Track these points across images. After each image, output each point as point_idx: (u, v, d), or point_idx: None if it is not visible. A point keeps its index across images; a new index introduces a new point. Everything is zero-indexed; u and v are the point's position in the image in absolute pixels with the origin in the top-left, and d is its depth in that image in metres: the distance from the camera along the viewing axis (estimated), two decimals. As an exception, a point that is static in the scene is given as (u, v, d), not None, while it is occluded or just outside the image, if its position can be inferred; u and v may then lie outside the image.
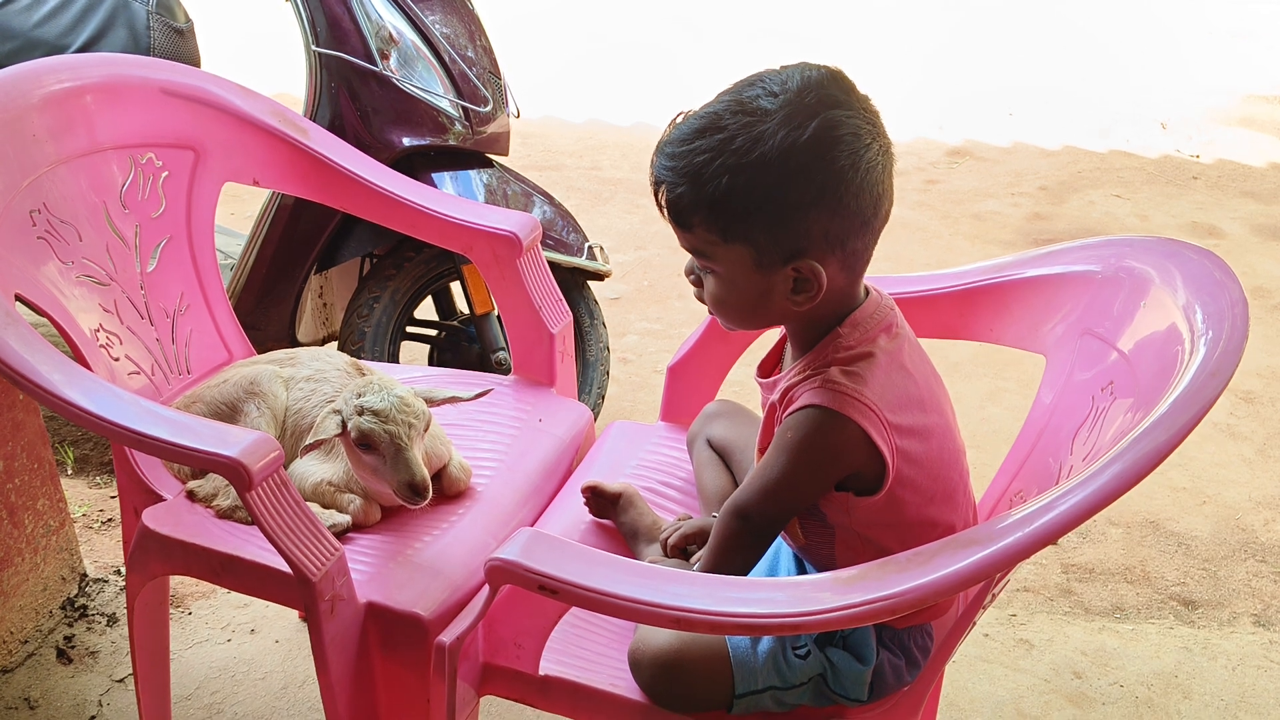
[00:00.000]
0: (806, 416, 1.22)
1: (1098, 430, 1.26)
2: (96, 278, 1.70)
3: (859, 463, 1.23)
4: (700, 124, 1.18)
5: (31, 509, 2.07)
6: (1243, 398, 3.18)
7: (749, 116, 1.15)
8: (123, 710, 1.96)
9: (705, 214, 1.18)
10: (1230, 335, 1.14)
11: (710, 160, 1.15)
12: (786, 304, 1.22)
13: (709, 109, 1.19)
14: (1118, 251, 1.41)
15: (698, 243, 1.22)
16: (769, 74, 1.19)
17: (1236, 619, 2.32)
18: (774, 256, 1.18)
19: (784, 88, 1.16)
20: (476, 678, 1.36)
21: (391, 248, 2.53)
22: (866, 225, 1.19)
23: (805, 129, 1.13)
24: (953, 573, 1.03)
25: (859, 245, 1.21)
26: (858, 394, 1.20)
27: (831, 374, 1.22)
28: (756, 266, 1.19)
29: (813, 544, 1.34)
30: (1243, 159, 5.32)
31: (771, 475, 1.25)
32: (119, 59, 1.87)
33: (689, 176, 1.17)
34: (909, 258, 4.14)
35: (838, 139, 1.14)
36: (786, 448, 1.24)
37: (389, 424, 1.46)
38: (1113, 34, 7.79)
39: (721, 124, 1.16)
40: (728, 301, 1.26)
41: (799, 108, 1.14)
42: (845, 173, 1.15)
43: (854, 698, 1.30)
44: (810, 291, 1.20)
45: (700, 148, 1.16)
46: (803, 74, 1.17)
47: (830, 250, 1.18)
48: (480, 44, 2.62)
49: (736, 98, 1.18)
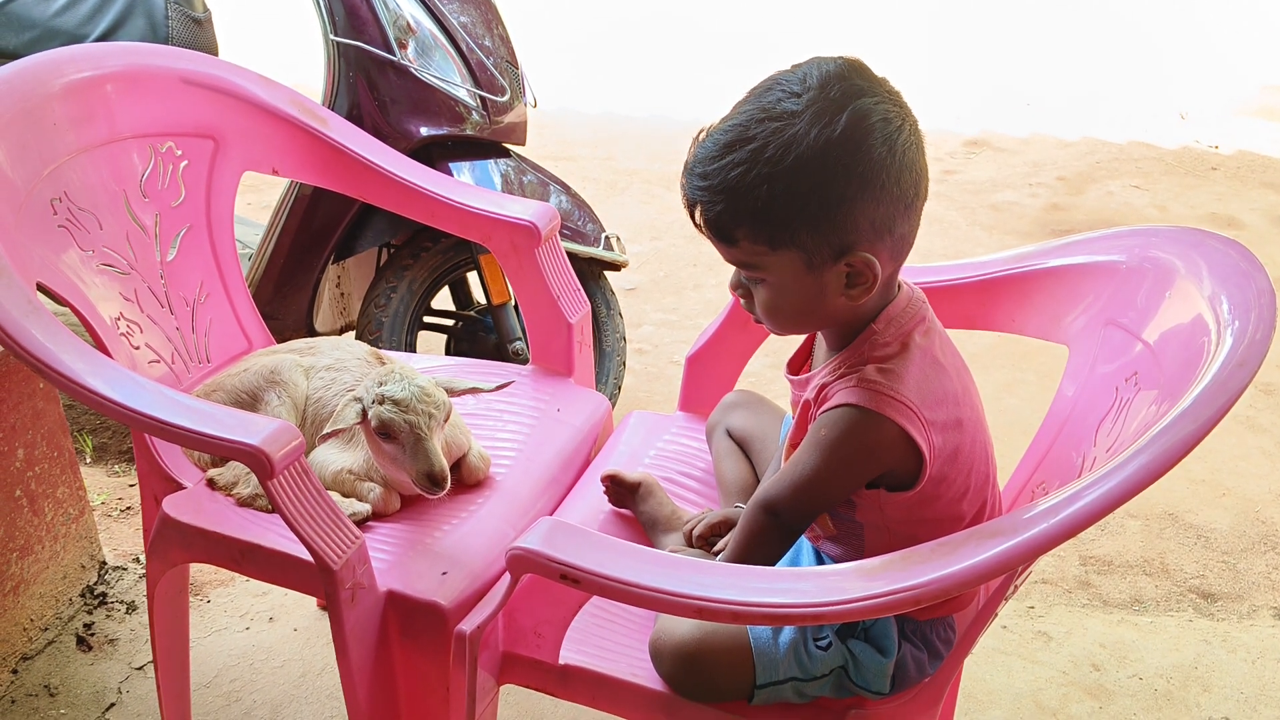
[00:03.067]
0: (843, 415, 1.21)
1: (1121, 422, 1.25)
2: (117, 266, 1.71)
3: (895, 461, 1.22)
4: (728, 138, 1.15)
5: (51, 497, 2.08)
6: (1263, 390, 3.16)
7: (776, 122, 1.13)
8: (142, 698, 1.97)
9: (749, 227, 1.16)
10: (1258, 325, 1.12)
11: (746, 172, 1.13)
12: (841, 300, 1.20)
13: (732, 121, 1.16)
14: (1142, 241, 1.39)
15: (744, 255, 1.20)
16: (785, 75, 1.18)
17: (1256, 611, 2.30)
18: (825, 255, 1.16)
19: (805, 86, 1.14)
20: (496, 666, 1.36)
21: (409, 238, 2.53)
22: (910, 207, 1.18)
23: (836, 123, 1.12)
24: (977, 564, 1.03)
25: (905, 229, 1.20)
26: (894, 392, 1.19)
27: (868, 372, 1.21)
28: (808, 269, 1.18)
29: (842, 534, 1.34)
30: (1262, 150, 5.28)
31: (804, 472, 1.24)
32: (139, 48, 1.87)
33: (726, 193, 1.15)
34: (925, 248, 4.13)
35: (870, 127, 1.13)
36: (821, 445, 1.22)
37: (409, 414, 1.46)
38: (1131, 24, 7.74)
39: (750, 134, 1.14)
40: (782, 308, 1.24)
41: (825, 103, 1.13)
42: (884, 159, 1.13)
43: (875, 690, 1.30)
44: (866, 283, 1.19)
45: (733, 161, 1.14)
46: (820, 69, 1.16)
47: (879, 238, 1.17)
48: (498, 33, 2.61)
49: (758, 105, 1.16)
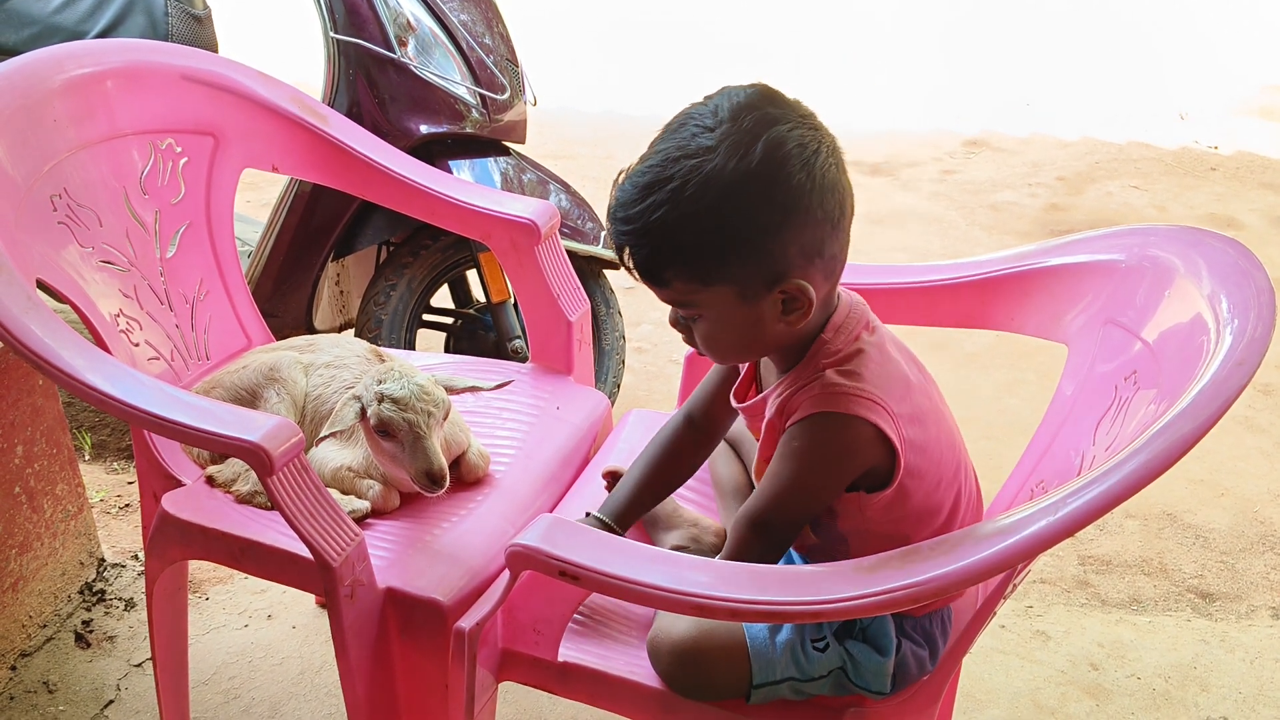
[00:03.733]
0: (813, 423, 1.20)
1: (1120, 421, 1.25)
2: (117, 263, 1.71)
3: (871, 459, 1.22)
4: (646, 179, 1.14)
5: (50, 494, 2.08)
6: (1261, 390, 3.16)
7: (693, 159, 1.12)
8: (141, 694, 1.97)
9: (679, 266, 1.16)
10: (1257, 324, 1.12)
11: (669, 213, 1.12)
12: (780, 326, 1.20)
13: (649, 162, 1.15)
14: (1141, 240, 1.40)
15: (678, 295, 1.19)
16: (697, 109, 1.17)
17: (1255, 611, 2.31)
18: (757, 286, 1.16)
19: (717, 119, 1.13)
20: (495, 663, 1.36)
21: (408, 235, 2.53)
22: (836, 227, 1.17)
23: (753, 154, 1.11)
24: (975, 562, 1.03)
25: (835, 249, 1.18)
26: (860, 391, 1.19)
27: (829, 377, 1.21)
28: (743, 300, 1.17)
29: (825, 543, 1.33)
30: (1262, 150, 5.29)
31: (784, 484, 1.24)
32: (139, 45, 1.87)
33: (651, 235, 1.14)
34: (925, 248, 4.13)
35: (787, 154, 1.12)
36: (796, 455, 1.22)
37: (408, 412, 1.46)
38: (1130, 24, 7.75)
39: (668, 174, 1.12)
40: (722, 341, 1.23)
41: (740, 135, 1.11)
42: (804, 184, 1.12)
43: (876, 690, 1.30)
44: (802, 308, 1.18)
45: (654, 203, 1.13)
46: (731, 100, 1.15)
47: (810, 263, 1.16)
48: (498, 31, 2.61)
49: (673, 142, 1.14)
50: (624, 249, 1.18)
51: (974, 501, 1.35)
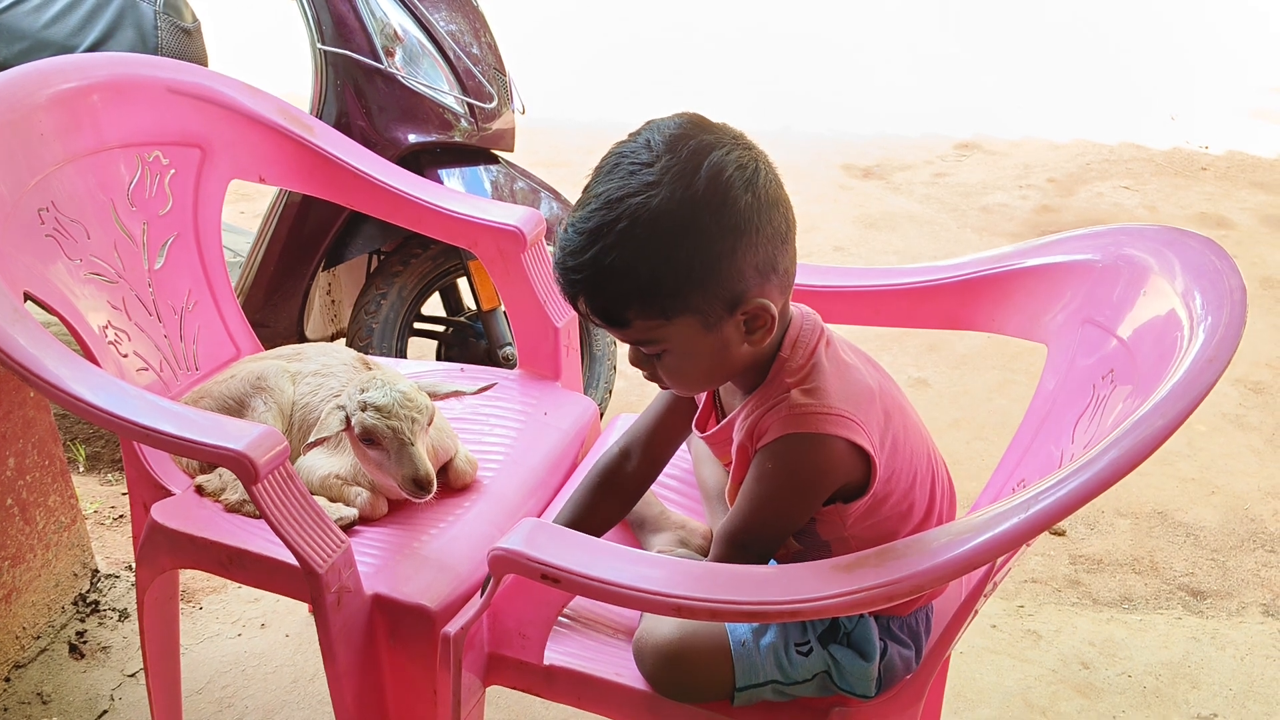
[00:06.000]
0: (786, 445, 1.20)
1: (1099, 418, 1.26)
2: (105, 275, 1.72)
3: (847, 473, 1.22)
4: (592, 224, 1.12)
5: (43, 505, 2.09)
6: (1252, 388, 3.17)
7: (637, 196, 1.10)
8: (135, 704, 1.98)
9: (639, 306, 1.15)
10: (1229, 321, 1.13)
11: (621, 255, 1.11)
12: (744, 348, 1.20)
13: (590, 208, 1.13)
14: (1116, 240, 1.41)
15: (640, 334, 1.18)
16: (626, 147, 1.15)
17: (1245, 609, 2.32)
18: (719, 311, 1.15)
19: (654, 153, 1.12)
20: (482, 668, 1.37)
21: (398, 244, 2.54)
22: (785, 241, 1.17)
23: (697, 183, 1.10)
24: (951, 559, 1.04)
25: (786, 263, 1.18)
26: (828, 408, 1.19)
27: (794, 397, 1.20)
28: (706, 329, 1.16)
29: (808, 550, 1.33)
30: (1252, 150, 5.30)
31: (760, 505, 1.23)
32: (125, 58, 1.88)
33: (607, 279, 1.13)
34: (917, 251, 4.14)
35: (730, 178, 1.11)
36: (770, 476, 1.22)
37: (392, 419, 1.47)
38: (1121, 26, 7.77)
39: (614, 215, 1.11)
40: (690, 372, 1.22)
41: (681, 165, 1.11)
42: (750, 205, 1.12)
43: (861, 693, 1.30)
44: (765, 326, 1.18)
45: (604, 248, 1.11)
46: (661, 133, 1.14)
47: (766, 280, 1.16)
48: (485, 40, 2.63)
49: (613, 184, 1.13)
50: (578, 299, 1.17)
51: (948, 494, 1.35)
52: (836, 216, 4.49)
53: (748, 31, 7.63)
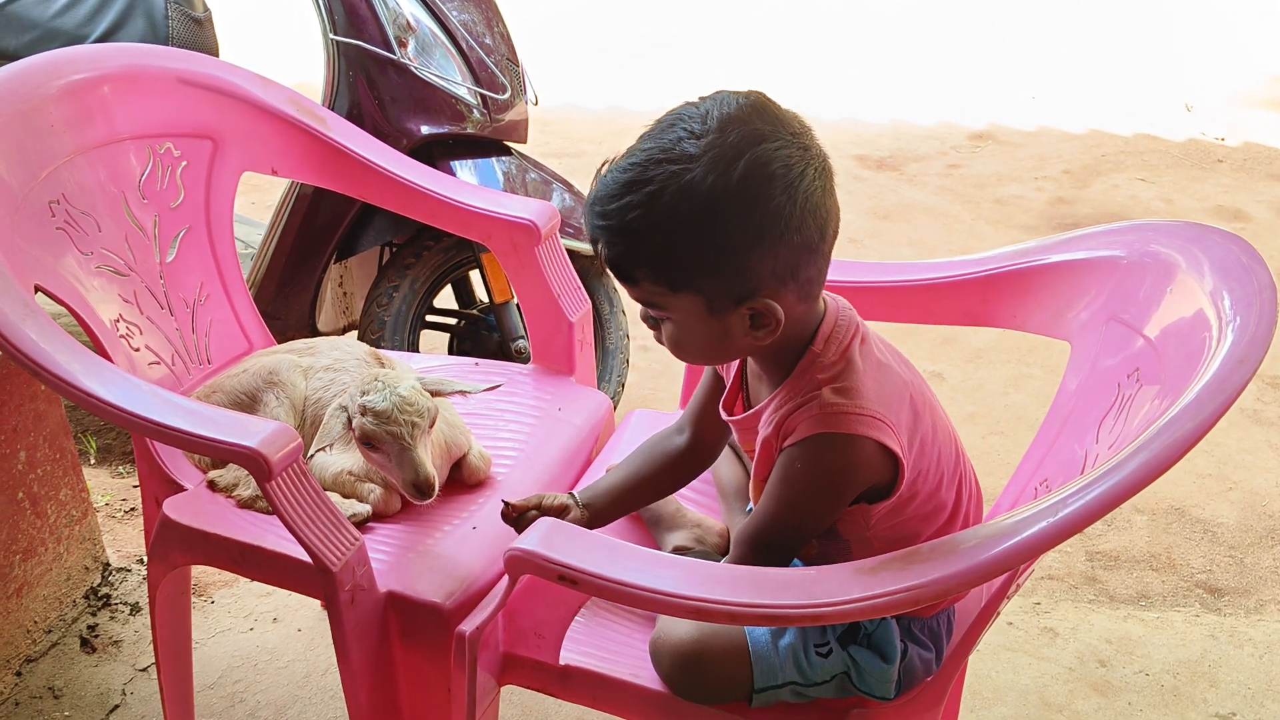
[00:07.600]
0: (816, 445, 1.18)
1: (1124, 418, 1.24)
2: (116, 268, 1.70)
3: (875, 475, 1.20)
4: (627, 176, 1.11)
5: (54, 499, 2.08)
6: (1269, 383, 3.14)
7: (674, 165, 1.09)
8: (146, 699, 1.97)
9: (647, 270, 1.14)
10: (1259, 321, 1.11)
11: (642, 217, 1.10)
12: (747, 340, 1.18)
13: (632, 160, 1.12)
14: (1143, 236, 1.38)
15: (646, 295, 1.17)
16: (688, 110, 1.13)
17: (1264, 606, 2.29)
18: (725, 301, 1.14)
19: (705, 127, 1.10)
20: (497, 667, 1.36)
21: (411, 237, 2.53)
22: (815, 251, 1.15)
23: (733, 172, 1.08)
24: (976, 565, 1.02)
25: (812, 272, 1.16)
26: (860, 409, 1.17)
27: (825, 396, 1.18)
28: (709, 312, 1.15)
29: (828, 551, 1.32)
30: (1269, 141, 5.26)
31: (785, 506, 1.22)
32: (136, 49, 1.86)
33: (624, 235, 1.13)
34: (931, 243, 4.12)
35: (770, 175, 1.09)
36: (799, 477, 1.20)
37: (391, 425, 1.45)
38: (1137, 16, 7.71)
39: (648, 175, 1.10)
40: (688, 345, 1.22)
41: (723, 149, 1.08)
42: (783, 208, 1.09)
43: (880, 695, 1.28)
44: (769, 326, 1.16)
45: (630, 204, 1.11)
46: (722, 109, 1.11)
47: (781, 284, 1.14)
48: (498, 30, 2.61)
49: (659, 143, 1.11)
50: (597, 241, 1.17)
51: (975, 495, 1.33)
52: (851, 208, 4.44)
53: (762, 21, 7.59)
